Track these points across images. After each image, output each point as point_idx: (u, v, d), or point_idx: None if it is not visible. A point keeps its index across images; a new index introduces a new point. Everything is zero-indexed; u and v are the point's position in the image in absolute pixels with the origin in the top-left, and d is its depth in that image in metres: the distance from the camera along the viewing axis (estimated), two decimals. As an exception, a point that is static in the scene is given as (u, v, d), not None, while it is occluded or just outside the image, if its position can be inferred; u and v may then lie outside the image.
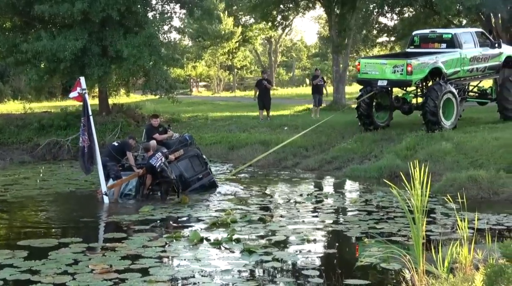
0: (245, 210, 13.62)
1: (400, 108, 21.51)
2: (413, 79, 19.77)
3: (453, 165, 16.82)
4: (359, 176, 17.86)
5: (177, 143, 16.21)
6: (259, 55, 63.76)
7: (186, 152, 16.13)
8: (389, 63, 20.13)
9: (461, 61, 20.74)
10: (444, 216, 12.72)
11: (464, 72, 20.91)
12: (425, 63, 19.92)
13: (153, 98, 30.39)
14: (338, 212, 13.66)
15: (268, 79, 26.26)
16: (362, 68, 20.74)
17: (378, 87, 20.43)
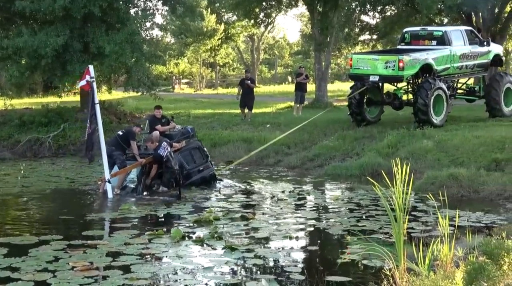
0: (227, 208, 13.60)
1: (391, 104, 21.72)
2: (404, 75, 19.97)
3: (434, 163, 16.91)
4: (341, 174, 17.90)
5: (180, 134, 16.41)
6: (241, 52, 63.70)
7: (188, 144, 16.36)
8: (381, 59, 20.34)
9: (451, 58, 21.00)
10: (425, 213, 12.78)
11: (454, 69, 21.18)
12: (416, 59, 20.15)
13: (135, 95, 30.30)
14: (320, 210, 13.68)
15: (251, 78, 25.94)
16: (354, 63, 20.96)
17: (370, 83, 20.63)
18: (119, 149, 15.28)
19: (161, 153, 15.01)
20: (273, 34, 74.09)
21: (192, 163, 16.19)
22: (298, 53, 74.11)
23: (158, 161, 15.08)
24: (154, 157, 15.08)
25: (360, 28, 35.52)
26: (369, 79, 20.44)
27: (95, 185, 16.57)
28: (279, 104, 31.78)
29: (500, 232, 9.89)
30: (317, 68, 31.25)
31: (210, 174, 16.55)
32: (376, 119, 22.21)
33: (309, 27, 42.46)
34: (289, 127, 22.91)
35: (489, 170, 15.55)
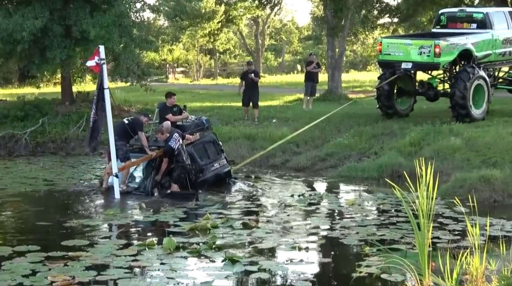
0: (227, 214, 13.58)
1: (424, 94, 21.79)
2: (441, 61, 20.02)
3: (463, 164, 16.87)
4: (357, 176, 17.88)
5: (194, 126, 16.55)
6: (244, 37, 63.64)
7: (202, 137, 16.53)
8: (414, 43, 20.41)
9: (493, 44, 21.08)
10: (453, 221, 12.76)
11: (495, 56, 21.25)
12: (454, 45, 20.22)
13: (124, 85, 30.30)
14: (333, 216, 13.66)
15: (255, 71, 25.21)
16: (384, 48, 21.02)
17: (402, 70, 20.73)
18: (123, 138, 15.39)
19: (172, 145, 15.07)
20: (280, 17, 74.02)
21: (206, 158, 16.35)
22: (309, 39, 74.03)
23: (169, 154, 15.14)
24: (164, 149, 15.15)
25: (379, 10, 35.46)
26: (401, 67, 20.57)
27: (78, 185, 16.60)
28: (286, 96, 31.75)
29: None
30: (330, 56, 31.21)
31: (225, 171, 16.75)
32: (408, 112, 22.37)
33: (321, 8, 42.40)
34: (298, 123, 22.91)
35: (526, 172, 15.50)
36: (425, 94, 21.84)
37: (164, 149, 15.22)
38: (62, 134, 24.27)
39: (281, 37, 73.38)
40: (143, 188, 15.32)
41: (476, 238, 7.62)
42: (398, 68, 20.72)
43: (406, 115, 22.14)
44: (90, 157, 22.20)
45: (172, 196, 15.02)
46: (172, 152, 15.09)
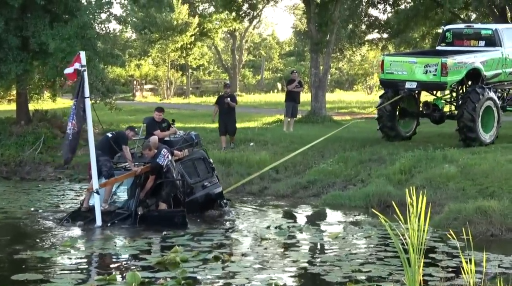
0: (198, 246, 13.50)
1: (429, 116, 22.02)
2: (448, 81, 20.28)
3: (458, 193, 16.92)
4: (342, 205, 17.88)
5: (182, 141, 16.86)
6: (219, 52, 63.85)
7: (191, 153, 16.86)
8: (419, 61, 20.67)
9: (503, 62, 21.42)
10: (446, 256, 12.76)
11: (505, 76, 21.59)
12: (462, 63, 20.49)
13: (86, 104, 30.12)
14: (314, 250, 13.61)
15: (232, 95, 24.76)
16: (386, 67, 21.28)
17: (406, 90, 20.94)
18: (107, 153, 15.56)
19: (160, 161, 15.26)
20: (259, 31, 74.49)
21: (196, 176, 16.59)
22: (291, 55, 74.42)
23: (157, 171, 15.30)
24: (152, 166, 15.32)
25: (367, 25, 35.77)
26: (405, 86, 20.77)
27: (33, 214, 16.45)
28: (265, 117, 31.79)
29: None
30: (314, 74, 31.33)
31: (217, 192, 16.96)
32: (411, 135, 22.63)
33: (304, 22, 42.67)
34: (278, 147, 22.94)
35: (526, 203, 15.57)
36: (430, 116, 22.07)
37: (151, 166, 15.35)
38: (16, 157, 24.08)
39: (260, 52, 73.69)
40: (126, 207, 15.47)
41: (472, 275, 7.60)
42: (401, 88, 20.96)
43: (409, 139, 22.41)
44: (47, 182, 22.04)
45: (158, 216, 15.12)
46: (160, 169, 15.28)
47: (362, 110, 37.13)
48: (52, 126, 26.45)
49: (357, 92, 57.94)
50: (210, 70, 67.66)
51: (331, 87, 56.27)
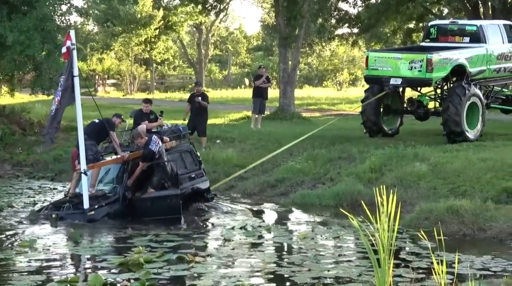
0: (162, 246, 13.47)
1: (413, 112, 22.46)
2: (433, 77, 20.64)
3: (429, 192, 17.04)
4: (311, 204, 17.92)
5: (169, 132, 17.28)
6: (185, 47, 63.64)
7: (178, 145, 17.36)
8: (404, 57, 21.01)
9: (488, 59, 21.81)
10: (417, 257, 12.83)
11: (490, 72, 21.97)
12: (447, 59, 20.86)
13: (46, 99, 29.89)
14: (282, 251, 13.63)
15: (204, 94, 24.20)
16: (371, 63, 21.58)
17: (390, 87, 21.24)
18: (93, 138, 16.00)
19: (153, 148, 15.80)
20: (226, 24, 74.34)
21: (183, 168, 16.93)
22: (258, 49, 74.36)
23: (149, 157, 15.84)
24: (144, 153, 15.86)
25: (337, 19, 35.84)
26: (390, 83, 21.10)
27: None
28: (232, 114, 31.78)
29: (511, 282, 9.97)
30: (282, 69, 31.37)
31: (204, 185, 17.51)
32: (394, 132, 22.94)
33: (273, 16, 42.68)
34: (245, 144, 22.92)
35: (498, 202, 15.70)
36: (414, 113, 22.47)
37: (144, 152, 15.88)
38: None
39: (227, 47, 73.57)
40: (114, 192, 15.97)
41: (443, 276, 7.66)
42: (386, 84, 21.27)
43: (392, 136, 22.65)
44: (5, 179, 21.84)
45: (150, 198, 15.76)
46: (153, 155, 15.80)
47: (331, 107, 37.26)
48: (10, 122, 26.24)
49: (326, 88, 58.10)
50: (175, 65, 67.42)
51: (300, 83, 56.35)
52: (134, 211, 15.72)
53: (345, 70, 62.96)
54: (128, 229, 14.91)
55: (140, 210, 15.71)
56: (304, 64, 62.66)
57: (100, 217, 15.47)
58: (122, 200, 15.74)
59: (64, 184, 21.04)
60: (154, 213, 15.57)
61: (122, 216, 15.61)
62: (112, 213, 15.63)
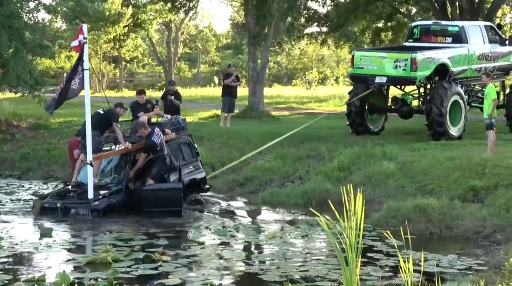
0: (129, 245, 13.43)
1: (398, 111, 23.00)
2: (417, 76, 21.19)
3: (397, 191, 17.14)
4: (280, 203, 17.95)
5: (169, 125, 17.81)
6: (154, 45, 63.35)
7: (177, 137, 17.83)
8: (389, 56, 21.53)
9: (469, 59, 22.44)
10: (384, 255, 12.91)
11: (471, 72, 22.51)
12: (431, 59, 21.43)
13: (13, 96, 29.69)
14: (250, 250, 13.65)
15: (177, 92, 24.03)
16: (356, 62, 22.06)
17: (376, 85, 21.71)
18: (97, 129, 16.20)
19: (155, 140, 16.26)
20: (195, 22, 74.11)
21: (181, 159, 17.42)
22: (228, 48, 74.30)
23: (151, 149, 16.29)
24: (147, 145, 16.30)
25: (306, 18, 35.91)
26: (375, 81, 21.55)
27: None
28: (201, 112, 31.70)
29: (478, 280, 10.06)
30: (251, 68, 31.35)
31: (201, 177, 18.01)
32: (379, 130, 23.39)
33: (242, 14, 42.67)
34: (214, 143, 22.89)
35: (465, 201, 15.84)
36: (398, 111, 22.98)
37: (146, 144, 16.33)
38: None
39: (197, 45, 73.43)
40: (117, 182, 16.34)
41: (410, 274, 7.72)
42: (371, 83, 21.72)
43: (377, 134, 23.04)
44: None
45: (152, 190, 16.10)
46: (155, 147, 16.25)
47: (300, 106, 37.28)
48: (-23, 120, 26.00)
49: (296, 87, 58.14)
50: (145, 63, 67.14)
51: (269, 82, 56.34)
52: (136, 202, 16.11)
53: (314, 69, 63.02)
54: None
55: (141, 201, 16.10)
56: (273, 63, 62.69)
57: (103, 207, 15.83)
58: (125, 191, 16.13)
59: (31, 182, 20.94)
60: (156, 205, 15.97)
61: (125, 207, 16.01)
62: (115, 203, 16.01)
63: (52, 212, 15.69)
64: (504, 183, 15.99)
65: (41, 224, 15.16)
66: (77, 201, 15.88)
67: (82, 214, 15.70)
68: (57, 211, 15.61)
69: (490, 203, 15.46)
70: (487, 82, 18.58)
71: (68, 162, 21.25)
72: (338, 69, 67.96)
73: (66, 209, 15.71)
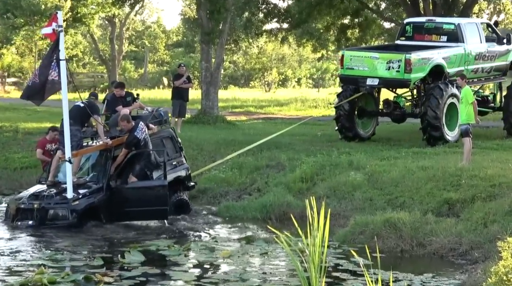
0: (66, 265, 13.32)
1: (390, 115, 23.39)
2: (412, 78, 21.56)
3: (365, 204, 17.21)
4: (236, 217, 17.95)
5: (151, 117, 18.04)
6: (96, 42, 63.13)
7: (160, 131, 18.15)
8: (382, 57, 21.85)
9: (465, 59, 22.84)
10: (351, 275, 12.94)
11: (468, 73, 22.63)
12: (426, 59, 21.82)
13: None
14: (203, 270, 13.60)
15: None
16: (346, 62, 22.36)
17: (367, 87, 22.05)
18: (78, 123, 16.63)
19: (138, 135, 16.52)
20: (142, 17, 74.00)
21: (164, 155, 17.52)
22: (179, 45, 74.29)
23: (133, 144, 16.58)
24: (128, 140, 16.54)
25: (265, 13, 36.01)
26: (366, 83, 21.86)
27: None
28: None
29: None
30: (205, 68, 31.32)
31: (186, 173, 18.38)
32: (370, 135, 23.69)
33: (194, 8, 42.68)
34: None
35: (439, 215, 15.94)
36: (390, 115, 23.35)
37: (127, 139, 16.62)
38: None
39: (144, 42, 73.27)
40: (97, 180, 16.72)
41: (378, 296, 7.75)
42: (362, 85, 22.06)
43: (368, 139, 23.36)
44: None
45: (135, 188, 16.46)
46: (138, 142, 16.54)
47: (259, 110, 37.38)
48: None
49: (253, 89, 58.32)
50: (85, 62, 66.84)
51: (224, 84, 56.43)
52: (117, 201, 16.38)
53: (274, 69, 63.26)
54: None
55: (124, 200, 16.39)
56: (229, 63, 62.78)
57: (84, 207, 16.09)
58: (106, 189, 16.40)
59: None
60: (139, 204, 16.32)
61: (105, 206, 16.30)
62: (96, 202, 16.26)
63: (28, 214, 16.04)
64: (482, 195, 16.14)
65: None
66: (56, 200, 16.16)
67: (61, 215, 15.99)
68: (34, 212, 15.93)
69: (466, 217, 15.57)
70: (463, 85, 18.76)
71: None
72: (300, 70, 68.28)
73: (43, 209, 15.97)
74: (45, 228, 15.93)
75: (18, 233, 15.84)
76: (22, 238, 15.47)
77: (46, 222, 16.04)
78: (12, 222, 16.24)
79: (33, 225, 15.99)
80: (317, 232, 7.51)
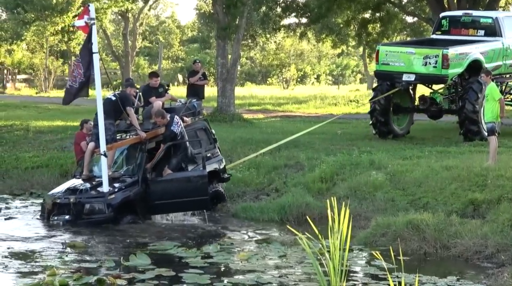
0: (81, 266, 13.37)
1: (426, 111, 23.57)
2: (449, 74, 21.71)
3: (386, 205, 17.17)
4: (253, 218, 17.93)
5: (185, 109, 18.59)
6: (109, 37, 63.31)
7: (193, 123, 18.65)
8: (418, 52, 22.02)
9: (504, 54, 23.01)
10: (372, 279, 12.92)
11: (506, 68, 23.12)
12: (464, 55, 21.95)
13: None
14: (220, 273, 13.60)
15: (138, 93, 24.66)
16: (381, 57, 22.61)
17: (403, 83, 22.22)
18: (111, 116, 17.08)
19: (175, 129, 17.02)
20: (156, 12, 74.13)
21: (198, 147, 18.20)
22: (194, 41, 74.36)
23: (171, 139, 17.05)
24: (166, 134, 17.10)
25: (283, 8, 35.97)
26: (402, 79, 22.03)
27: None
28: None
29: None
30: (221, 64, 31.33)
31: (221, 165, 18.91)
32: (405, 132, 23.89)
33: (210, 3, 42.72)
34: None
35: (464, 216, 15.89)
36: (426, 111, 23.53)
37: (166, 134, 17.15)
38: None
39: (158, 38, 73.38)
40: (131, 173, 17.29)
41: (401, 300, 7.74)
42: (398, 81, 22.21)
43: (403, 136, 23.54)
44: None
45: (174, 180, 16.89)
46: (175, 137, 17.05)
47: (277, 108, 37.37)
48: None
49: (271, 86, 58.32)
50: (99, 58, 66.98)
51: (241, 80, 56.47)
52: (155, 193, 16.82)
53: (292, 65, 63.25)
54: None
55: (161, 192, 16.81)
56: (245, 59, 62.80)
57: (120, 200, 16.54)
58: (142, 182, 16.91)
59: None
60: (180, 195, 16.74)
61: (142, 199, 16.78)
62: (132, 195, 16.72)
63: (65, 208, 16.44)
64: (508, 196, 16.08)
65: None
66: (92, 194, 16.61)
67: (97, 209, 16.47)
68: (70, 207, 16.34)
69: (492, 219, 15.51)
70: (488, 81, 18.70)
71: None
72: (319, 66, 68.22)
73: (80, 204, 16.40)
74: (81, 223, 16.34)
75: (33, 233, 15.93)
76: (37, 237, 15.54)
77: (83, 216, 16.42)
78: (49, 217, 16.60)
79: (70, 220, 16.35)
80: (337, 234, 7.49)
